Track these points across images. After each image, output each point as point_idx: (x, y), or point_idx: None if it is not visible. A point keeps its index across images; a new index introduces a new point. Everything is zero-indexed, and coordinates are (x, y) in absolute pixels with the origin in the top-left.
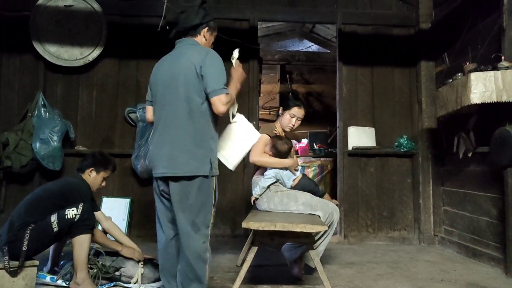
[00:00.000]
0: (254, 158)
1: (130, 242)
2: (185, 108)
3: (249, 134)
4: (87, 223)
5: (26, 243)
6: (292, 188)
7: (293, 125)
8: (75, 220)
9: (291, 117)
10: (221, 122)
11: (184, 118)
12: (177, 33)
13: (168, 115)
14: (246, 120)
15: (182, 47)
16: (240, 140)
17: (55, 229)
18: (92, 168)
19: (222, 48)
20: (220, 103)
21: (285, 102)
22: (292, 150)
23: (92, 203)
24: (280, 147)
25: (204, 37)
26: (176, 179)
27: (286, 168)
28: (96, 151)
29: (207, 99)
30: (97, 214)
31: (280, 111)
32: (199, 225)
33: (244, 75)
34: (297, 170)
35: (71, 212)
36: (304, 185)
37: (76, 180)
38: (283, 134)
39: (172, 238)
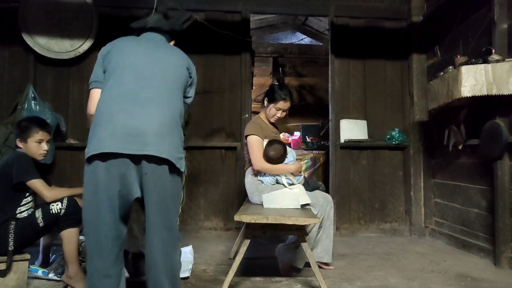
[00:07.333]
0: (258, 167)
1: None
2: (177, 94)
3: (298, 200)
4: (74, 217)
5: (12, 242)
6: None
7: (279, 117)
8: (61, 214)
9: (277, 110)
10: None
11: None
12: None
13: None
14: (304, 190)
15: (160, 42)
16: (290, 200)
17: (41, 224)
18: (18, 139)
19: (213, 40)
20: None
21: (271, 95)
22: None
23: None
24: (273, 156)
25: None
26: (160, 161)
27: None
28: (20, 120)
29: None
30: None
31: (265, 102)
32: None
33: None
34: (300, 176)
35: (56, 207)
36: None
37: (10, 155)
38: (269, 124)
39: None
